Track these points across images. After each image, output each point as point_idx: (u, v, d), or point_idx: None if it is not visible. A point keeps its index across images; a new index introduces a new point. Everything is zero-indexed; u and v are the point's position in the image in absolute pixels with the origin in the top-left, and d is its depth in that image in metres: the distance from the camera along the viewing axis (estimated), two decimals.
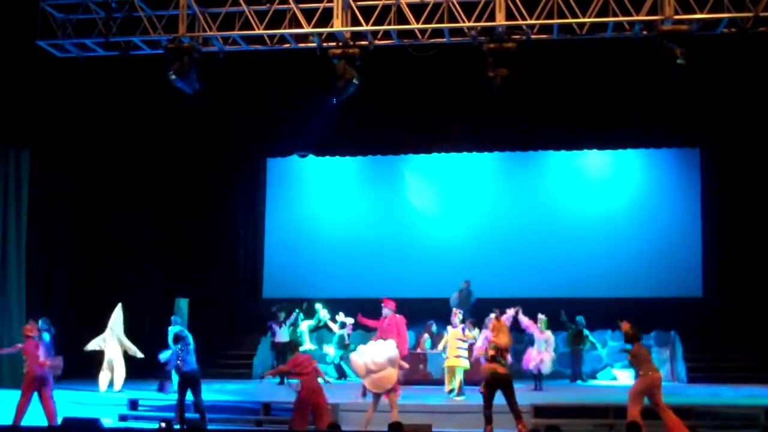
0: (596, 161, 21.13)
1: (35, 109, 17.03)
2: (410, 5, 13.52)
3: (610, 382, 19.12)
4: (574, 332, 18.63)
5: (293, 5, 13.70)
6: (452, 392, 15.41)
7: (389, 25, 13.63)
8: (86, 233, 19.36)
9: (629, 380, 18.95)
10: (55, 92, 17.07)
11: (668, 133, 18.73)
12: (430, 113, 18.40)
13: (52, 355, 13.08)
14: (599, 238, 20.63)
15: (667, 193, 20.82)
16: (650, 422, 11.84)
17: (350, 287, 20.48)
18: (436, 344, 18.30)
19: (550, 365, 16.93)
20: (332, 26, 13.61)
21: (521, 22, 13.26)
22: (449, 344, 15.73)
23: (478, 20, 13.33)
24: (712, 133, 18.71)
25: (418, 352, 18.43)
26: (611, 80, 16.96)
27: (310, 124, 18.45)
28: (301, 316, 18.99)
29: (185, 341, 13.56)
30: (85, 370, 17.03)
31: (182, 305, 19.47)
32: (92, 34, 14.32)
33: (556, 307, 18.56)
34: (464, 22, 13.37)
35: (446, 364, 15.73)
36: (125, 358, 16.95)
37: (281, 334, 18.51)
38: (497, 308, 13.67)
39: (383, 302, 16.03)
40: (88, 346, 16.82)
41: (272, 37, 14.19)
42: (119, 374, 16.77)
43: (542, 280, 20.19)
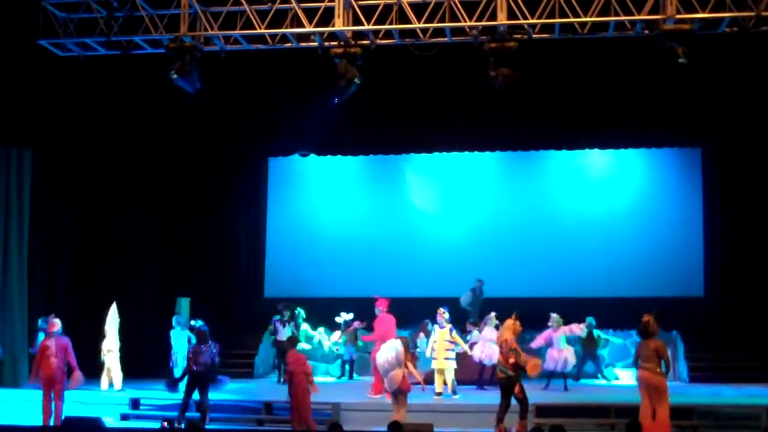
0: (597, 161, 21.13)
1: (37, 108, 17.03)
2: (412, 4, 13.50)
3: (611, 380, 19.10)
4: (585, 334, 18.59)
5: (295, 4, 13.70)
6: (442, 394, 15.42)
7: (391, 24, 13.62)
8: (88, 232, 19.36)
9: (631, 380, 19.00)
10: (56, 92, 17.07)
11: (670, 132, 18.72)
12: (431, 113, 18.39)
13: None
14: (600, 237, 20.62)
15: (668, 192, 20.81)
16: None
17: (351, 286, 20.47)
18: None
19: (573, 361, 17.01)
20: (334, 25, 13.60)
21: (523, 21, 13.25)
22: (437, 345, 15.77)
23: (479, 19, 13.32)
24: (713, 132, 18.70)
25: (416, 351, 18.40)
26: (613, 80, 16.94)
27: (311, 123, 18.44)
28: (303, 315, 18.98)
29: (206, 339, 13.66)
30: (86, 370, 17.01)
31: (184, 305, 19.49)
32: (94, 33, 14.32)
33: (556, 306, 18.54)
34: (466, 21, 13.36)
35: (435, 365, 15.75)
36: (121, 356, 16.95)
37: (284, 332, 18.51)
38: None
39: (376, 302, 16.22)
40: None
41: (274, 36, 14.19)
42: (116, 374, 16.76)
43: (543, 279, 20.19)
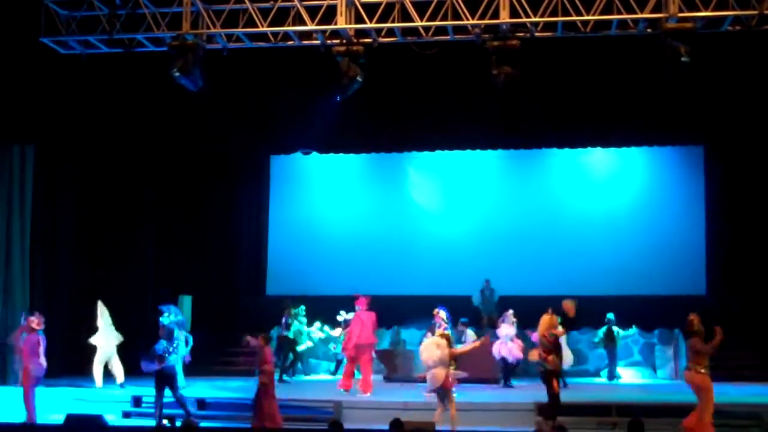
0: (600, 159, 21.13)
1: (39, 106, 17.03)
2: (414, 3, 13.48)
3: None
4: (606, 330, 18.57)
5: (297, 3, 13.69)
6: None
7: (393, 22, 13.61)
8: (90, 231, 19.36)
9: (633, 378, 19.02)
10: (59, 89, 17.07)
11: (672, 130, 18.73)
12: (433, 111, 18.40)
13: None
14: (603, 235, 20.62)
15: (671, 191, 20.81)
16: (652, 420, 11.85)
17: (353, 284, 20.34)
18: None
19: (570, 360, 16.93)
20: (336, 23, 13.59)
21: (525, 19, 13.24)
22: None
23: (482, 18, 13.31)
24: (716, 130, 18.70)
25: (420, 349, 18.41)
26: (615, 78, 16.94)
27: (313, 121, 18.45)
28: (302, 313, 18.98)
29: (175, 338, 13.63)
30: (88, 367, 17.04)
31: (185, 302, 19.51)
32: (96, 31, 14.31)
33: (558, 305, 18.51)
34: (468, 19, 13.35)
35: None
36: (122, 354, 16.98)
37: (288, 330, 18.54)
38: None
39: (356, 301, 16.34)
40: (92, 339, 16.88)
41: (276, 34, 14.18)
42: (118, 368, 16.76)
43: (546, 277, 20.17)
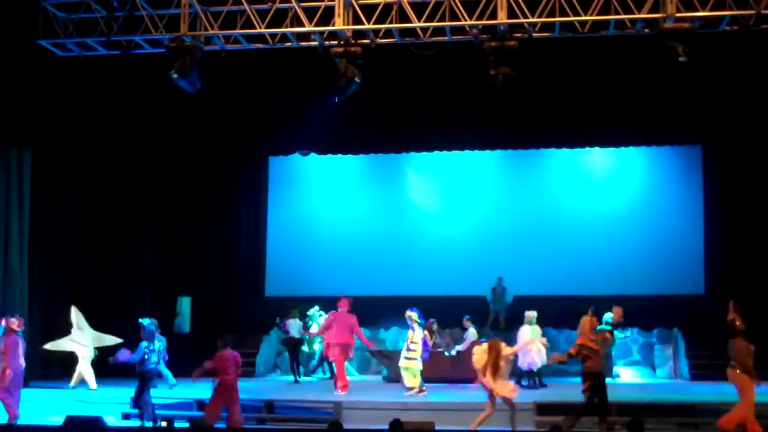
0: (598, 159, 21.14)
1: (37, 108, 17.02)
2: (412, 3, 13.51)
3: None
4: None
5: (295, 4, 13.70)
6: (412, 390, 15.66)
7: (391, 23, 13.63)
8: (88, 233, 19.36)
9: (632, 377, 19.02)
10: (56, 91, 17.06)
11: (670, 130, 18.73)
12: (431, 112, 18.40)
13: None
14: (601, 235, 20.64)
15: (669, 190, 20.83)
16: (652, 419, 11.87)
17: (352, 285, 20.40)
18: (436, 341, 18.39)
19: (539, 361, 16.84)
20: (334, 25, 13.61)
21: (523, 20, 13.25)
22: (406, 344, 16.07)
23: (479, 18, 13.33)
24: (714, 130, 18.71)
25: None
26: (613, 78, 16.94)
27: (311, 122, 18.46)
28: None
29: (155, 340, 13.74)
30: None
31: (184, 304, 19.50)
32: (94, 33, 14.33)
33: (557, 304, 18.57)
34: (466, 20, 13.36)
35: (405, 365, 15.99)
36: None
37: (293, 330, 18.55)
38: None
39: (338, 302, 16.48)
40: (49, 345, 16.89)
41: (274, 35, 14.19)
42: (88, 372, 16.77)
43: (545, 277, 20.20)
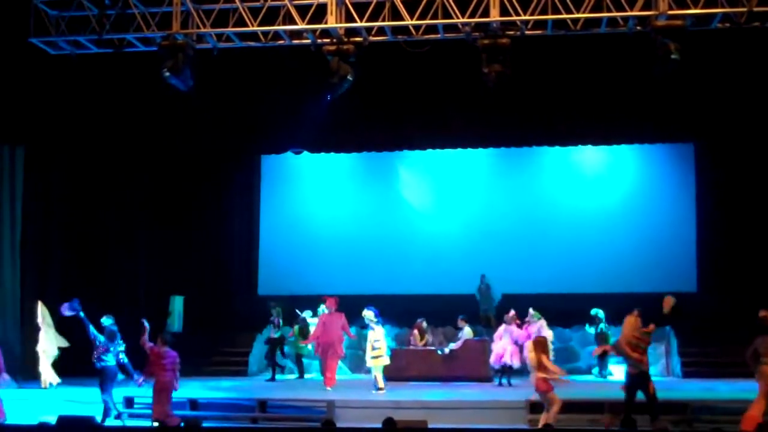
0: (591, 157, 21.17)
1: (29, 106, 16.99)
2: (404, 1, 13.47)
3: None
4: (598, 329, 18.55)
5: (287, 2, 13.67)
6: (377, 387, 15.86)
7: (383, 21, 13.61)
8: (81, 231, 19.31)
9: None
10: (49, 90, 17.03)
11: (662, 128, 18.75)
12: (424, 110, 18.39)
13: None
14: (594, 233, 20.66)
15: (661, 188, 20.87)
16: (645, 417, 11.88)
17: (345, 284, 20.46)
18: (427, 339, 18.43)
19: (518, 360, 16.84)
20: (326, 22, 13.58)
21: (515, 17, 13.24)
22: (368, 345, 16.26)
23: (472, 16, 13.32)
24: (706, 128, 18.72)
25: (410, 348, 18.47)
26: (605, 76, 16.95)
27: (304, 121, 18.42)
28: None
29: (116, 338, 13.68)
30: (78, 368, 17.00)
31: (177, 303, 19.46)
32: (86, 31, 14.27)
33: (549, 302, 18.59)
34: (458, 18, 13.36)
35: (373, 364, 16.17)
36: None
37: (273, 330, 18.48)
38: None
39: (325, 302, 16.76)
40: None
41: (266, 33, 14.17)
42: (48, 372, 16.82)
43: (537, 275, 20.21)
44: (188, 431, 10.04)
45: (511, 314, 17.02)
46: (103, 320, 14.32)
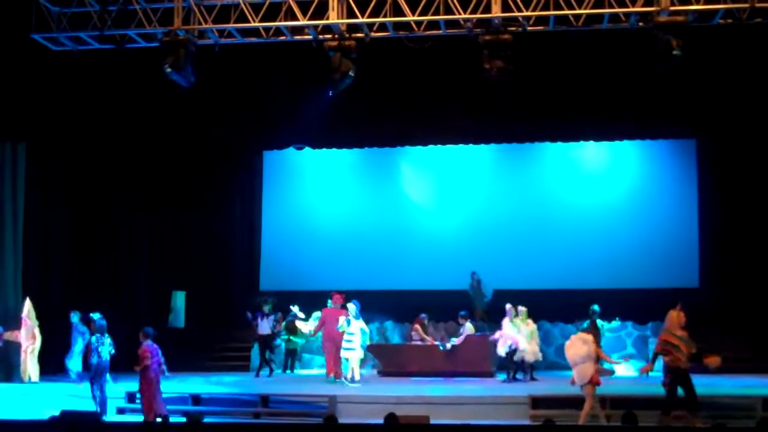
0: (593, 153, 21.14)
1: (31, 103, 16.99)
2: None
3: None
4: (588, 323, 18.51)
5: None
6: (348, 379, 16.13)
7: (385, 17, 13.61)
8: (83, 227, 19.33)
9: (626, 371, 19.03)
10: (50, 86, 17.02)
11: (665, 124, 18.74)
12: (426, 105, 18.39)
13: None
14: (596, 229, 20.65)
15: (663, 183, 20.84)
16: (646, 413, 11.88)
17: (347, 279, 20.45)
18: (429, 335, 18.44)
19: (532, 355, 16.91)
20: (328, 18, 13.58)
21: (517, 13, 13.24)
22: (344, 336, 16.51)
23: (474, 12, 13.31)
24: (708, 124, 18.73)
25: (412, 343, 18.49)
26: (607, 72, 16.95)
27: (306, 116, 18.43)
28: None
29: (105, 335, 13.69)
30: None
31: (179, 298, 19.48)
32: (87, 27, 14.28)
33: (551, 298, 18.60)
34: (460, 13, 13.35)
35: (351, 355, 16.39)
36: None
37: (263, 326, 18.38)
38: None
39: (332, 297, 17.10)
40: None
41: (268, 29, 14.16)
42: (33, 367, 16.92)
43: (539, 271, 20.22)
44: (190, 426, 10.04)
45: (508, 308, 17.06)
46: (92, 315, 14.38)
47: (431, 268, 20.65)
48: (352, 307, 16.61)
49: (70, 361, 16.76)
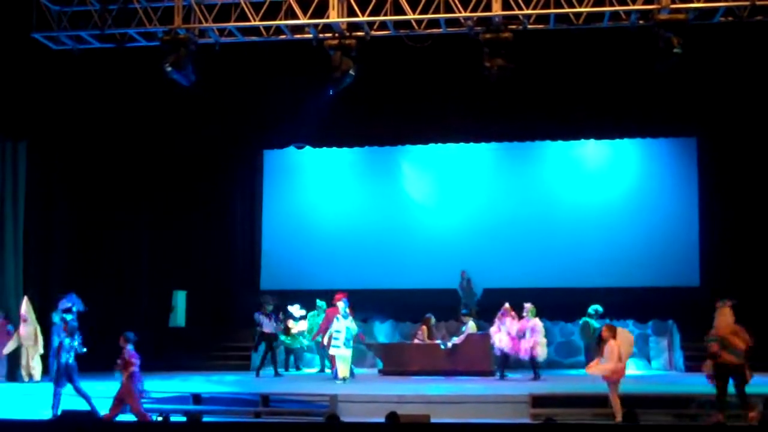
0: (593, 151, 21.12)
1: (31, 102, 16.99)
2: None
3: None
4: (582, 323, 18.52)
5: None
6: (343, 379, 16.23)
7: (385, 15, 13.61)
8: (83, 226, 19.32)
9: (627, 369, 19.00)
10: (51, 85, 17.03)
11: (665, 122, 18.73)
12: (426, 104, 18.39)
13: None
14: (596, 228, 20.62)
15: (664, 182, 20.81)
16: (647, 411, 11.89)
17: (347, 278, 20.43)
18: (434, 336, 18.44)
19: (542, 352, 16.93)
20: (328, 17, 13.59)
21: (518, 12, 13.25)
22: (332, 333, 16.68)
23: (474, 10, 13.32)
24: (709, 122, 18.72)
25: (415, 342, 18.50)
26: (608, 70, 16.94)
27: (306, 115, 18.43)
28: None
29: (77, 335, 13.67)
30: (82, 363, 17.02)
31: (180, 298, 19.47)
32: (88, 26, 14.30)
33: (552, 297, 18.59)
34: (461, 12, 13.35)
35: (337, 352, 16.58)
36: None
37: (269, 324, 18.40)
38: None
39: (335, 297, 17.06)
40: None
41: (268, 28, 14.17)
42: (36, 367, 16.95)
43: (539, 270, 20.18)
44: (189, 426, 10.04)
45: (506, 307, 17.08)
46: (65, 315, 14.37)
47: (432, 266, 20.63)
48: (340, 305, 16.69)
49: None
